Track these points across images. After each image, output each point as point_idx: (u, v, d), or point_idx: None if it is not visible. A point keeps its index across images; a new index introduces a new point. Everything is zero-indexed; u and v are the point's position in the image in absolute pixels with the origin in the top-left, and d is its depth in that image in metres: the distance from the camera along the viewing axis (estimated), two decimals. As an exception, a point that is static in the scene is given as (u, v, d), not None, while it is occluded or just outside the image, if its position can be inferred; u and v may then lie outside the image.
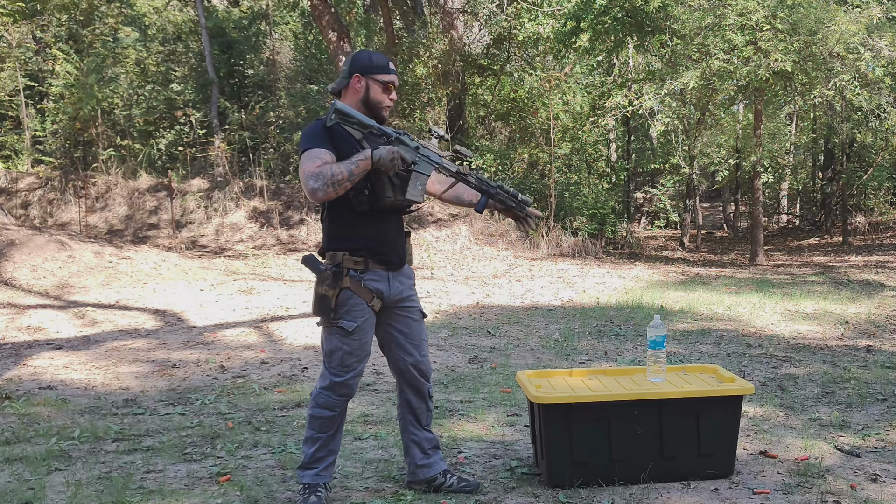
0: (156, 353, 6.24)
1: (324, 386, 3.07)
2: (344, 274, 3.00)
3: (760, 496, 3.19)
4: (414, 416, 3.25)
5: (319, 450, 3.09)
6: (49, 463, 3.65)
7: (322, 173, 2.86)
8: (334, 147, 2.95)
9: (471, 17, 16.80)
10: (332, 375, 3.06)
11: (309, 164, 2.89)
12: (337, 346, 3.04)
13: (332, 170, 2.86)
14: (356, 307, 3.02)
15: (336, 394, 3.06)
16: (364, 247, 3.03)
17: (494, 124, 17.18)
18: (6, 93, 16.54)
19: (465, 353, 6.10)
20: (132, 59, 18.87)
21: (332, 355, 3.05)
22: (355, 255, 3.02)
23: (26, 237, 9.94)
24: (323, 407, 3.07)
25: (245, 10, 21.50)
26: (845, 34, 11.56)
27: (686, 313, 7.91)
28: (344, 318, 3.01)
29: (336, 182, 2.86)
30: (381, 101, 3.06)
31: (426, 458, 3.25)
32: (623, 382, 3.50)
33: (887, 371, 5.40)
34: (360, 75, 3.03)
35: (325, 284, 3.00)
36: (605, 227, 16.82)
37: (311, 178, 2.86)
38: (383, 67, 3.06)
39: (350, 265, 3.01)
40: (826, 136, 19.36)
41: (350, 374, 3.06)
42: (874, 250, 15.48)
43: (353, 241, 3.03)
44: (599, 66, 16.63)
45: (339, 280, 2.99)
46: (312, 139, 2.97)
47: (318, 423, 3.07)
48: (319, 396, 3.07)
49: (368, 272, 3.04)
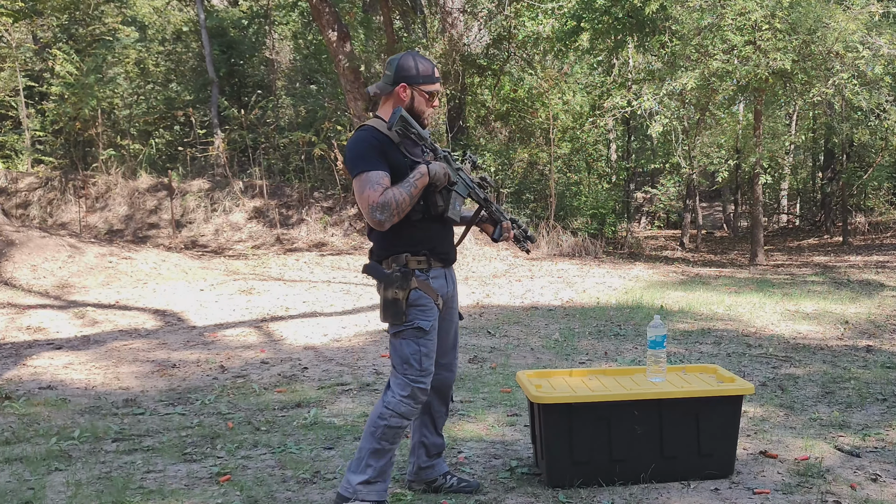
0: (156, 353, 6.24)
1: (405, 395, 2.96)
2: (412, 275, 2.98)
3: (760, 496, 3.19)
4: (431, 419, 3.24)
5: (387, 462, 2.98)
6: (49, 463, 3.65)
7: (387, 204, 2.84)
8: (385, 160, 2.92)
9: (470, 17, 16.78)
10: (413, 383, 2.96)
11: (372, 193, 2.84)
12: (414, 350, 2.97)
13: (397, 199, 2.85)
14: (427, 306, 2.99)
15: (416, 401, 2.98)
16: (425, 246, 3.02)
17: (494, 124, 17.17)
18: (6, 93, 16.53)
19: (465, 353, 6.10)
20: (132, 59, 18.86)
21: (410, 361, 2.97)
22: (418, 255, 3.00)
23: (26, 237, 9.94)
24: (403, 416, 2.97)
25: (245, 10, 21.49)
26: (844, 32, 11.56)
27: (686, 313, 7.91)
28: (418, 318, 2.97)
29: (401, 210, 2.88)
30: (423, 111, 3.03)
31: (430, 461, 3.25)
32: (623, 382, 3.50)
33: (887, 371, 5.40)
34: (406, 85, 2.98)
35: (396, 287, 2.95)
36: (605, 227, 16.82)
37: (377, 209, 2.83)
38: (429, 77, 3.01)
39: (414, 265, 2.99)
40: (826, 135, 19.36)
41: (429, 377, 3.01)
42: (874, 250, 15.48)
43: (413, 243, 3.00)
44: (599, 66, 16.63)
45: (408, 281, 2.96)
46: (366, 159, 2.90)
47: (392, 434, 2.96)
48: (401, 405, 2.96)
49: (431, 270, 3.04)
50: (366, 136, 2.95)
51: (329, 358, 6.01)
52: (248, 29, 20.55)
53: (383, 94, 3.04)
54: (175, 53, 20.74)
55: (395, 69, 2.99)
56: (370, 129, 2.97)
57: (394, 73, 2.99)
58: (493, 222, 3.23)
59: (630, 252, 16.06)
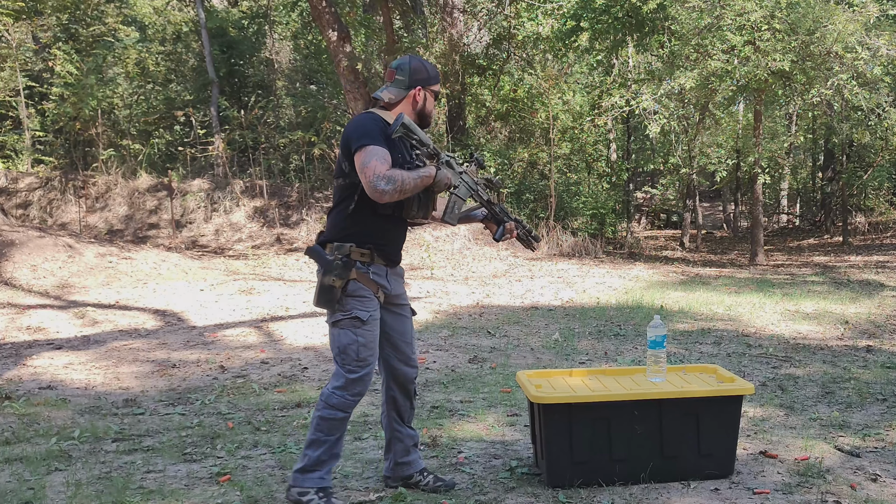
0: (156, 353, 6.24)
1: (338, 385, 3.04)
2: (352, 265, 3.01)
3: (760, 496, 3.19)
4: (398, 414, 3.28)
5: (325, 453, 3.04)
6: (49, 463, 3.65)
7: (394, 178, 2.88)
8: (389, 143, 2.98)
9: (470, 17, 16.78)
10: (347, 373, 3.03)
11: (379, 165, 2.88)
12: (351, 340, 3.02)
13: (404, 178, 2.90)
14: (366, 297, 3.03)
15: (350, 393, 3.04)
16: (371, 241, 3.05)
17: (494, 124, 17.17)
18: (6, 93, 16.52)
19: (465, 353, 6.10)
20: (132, 59, 18.85)
21: (347, 350, 3.03)
22: (362, 247, 3.04)
23: (26, 237, 9.94)
24: (336, 408, 3.03)
25: (245, 10, 21.49)
26: (843, 33, 11.56)
27: (686, 313, 7.91)
28: (357, 308, 3.01)
29: (404, 191, 2.91)
30: (431, 111, 3.14)
31: (407, 456, 3.29)
32: (623, 382, 3.50)
33: (887, 371, 5.40)
34: (421, 87, 3.06)
35: (334, 274, 2.99)
36: (605, 227, 16.81)
37: (382, 179, 2.86)
38: (436, 77, 3.11)
39: (357, 257, 3.03)
40: (826, 135, 19.36)
41: (366, 369, 3.05)
42: (874, 250, 15.48)
43: (363, 236, 3.04)
44: (599, 66, 16.63)
45: (347, 270, 3.00)
46: (373, 135, 2.95)
47: (327, 425, 3.03)
48: (332, 397, 3.03)
49: (373, 265, 3.07)
50: (372, 118, 3.02)
51: (329, 358, 6.01)
52: (248, 29, 20.55)
53: (399, 99, 3.09)
54: (175, 53, 20.73)
55: (410, 73, 3.06)
56: (377, 116, 3.03)
57: (408, 77, 3.06)
58: (496, 222, 3.26)
59: (630, 252, 16.06)
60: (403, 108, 3.08)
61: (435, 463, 3.62)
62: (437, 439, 3.93)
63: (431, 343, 6.53)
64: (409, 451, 3.28)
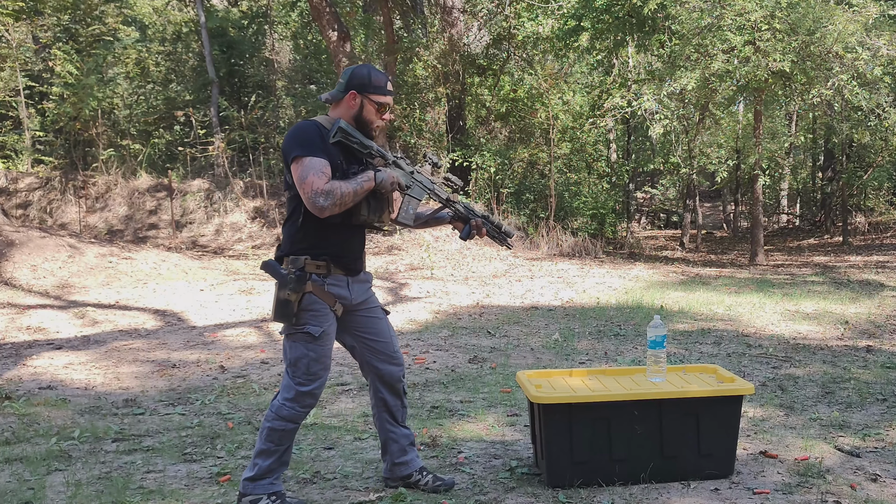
0: (156, 353, 6.24)
1: (288, 397, 3.02)
2: (307, 278, 2.98)
3: (760, 496, 3.19)
4: (390, 414, 3.27)
5: (275, 462, 3.05)
6: (49, 463, 3.65)
7: (332, 192, 2.87)
8: (327, 152, 2.95)
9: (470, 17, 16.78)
10: (297, 385, 3.02)
11: (316, 179, 2.87)
12: (302, 354, 3.00)
13: (342, 190, 2.89)
14: (320, 312, 3.01)
15: (300, 405, 3.03)
16: (327, 252, 3.02)
17: (494, 124, 17.17)
18: (6, 93, 16.52)
19: (465, 353, 6.10)
20: (132, 59, 18.86)
21: (298, 364, 3.01)
22: (317, 259, 3.01)
23: (26, 237, 9.95)
24: (286, 419, 3.02)
25: (245, 10, 21.49)
26: (843, 33, 11.55)
27: (686, 313, 7.91)
28: (309, 323, 2.99)
29: (343, 203, 2.91)
30: (372, 121, 3.07)
31: (403, 456, 3.28)
32: (623, 382, 3.50)
33: (887, 371, 5.40)
34: (356, 92, 3.03)
35: (288, 289, 2.95)
36: (605, 227, 16.81)
37: (320, 195, 2.86)
38: (380, 88, 3.04)
39: (312, 269, 3.00)
40: (826, 135, 19.37)
41: (316, 382, 3.03)
42: (874, 250, 15.48)
43: (317, 247, 3.01)
44: (600, 66, 16.63)
45: (302, 284, 2.96)
46: (308, 145, 2.93)
47: (278, 436, 3.03)
48: (283, 409, 3.02)
49: (330, 277, 3.03)
50: (310, 126, 3.00)
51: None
52: (248, 29, 20.55)
53: (334, 101, 3.09)
54: (175, 53, 20.74)
55: (348, 77, 3.05)
56: (314, 123, 3.02)
57: (346, 80, 3.05)
58: (462, 220, 3.23)
59: (630, 252, 16.06)
60: (340, 111, 3.06)
61: (435, 463, 3.62)
62: (437, 439, 3.93)
63: (431, 343, 6.53)
64: (405, 450, 3.28)
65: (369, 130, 3.07)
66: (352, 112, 3.04)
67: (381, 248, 13.37)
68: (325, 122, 3.03)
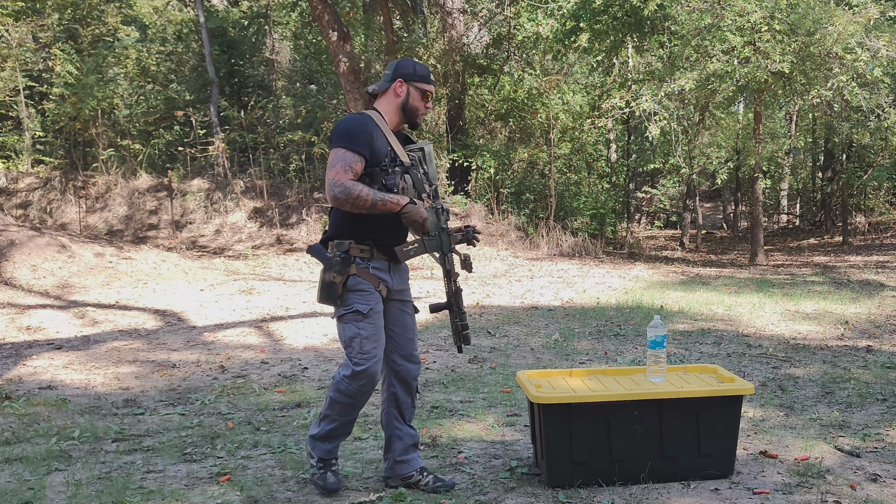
0: (156, 353, 6.24)
1: (345, 374, 3.14)
2: (351, 261, 3.09)
3: (760, 496, 3.19)
4: (399, 411, 3.31)
5: (336, 428, 3.20)
6: (49, 463, 3.65)
7: (350, 191, 2.98)
8: (370, 148, 3.05)
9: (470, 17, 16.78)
10: (353, 365, 3.11)
11: (342, 173, 3.00)
12: (355, 333, 3.10)
13: (361, 195, 2.98)
14: (367, 291, 3.11)
15: (356, 383, 3.12)
16: (370, 237, 3.13)
17: (494, 124, 17.17)
18: (6, 93, 16.52)
19: (465, 353, 6.10)
20: (132, 59, 18.85)
21: (352, 343, 3.11)
22: (361, 243, 3.12)
23: (26, 237, 9.94)
24: (343, 394, 3.14)
25: (245, 10, 21.49)
26: (843, 34, 11.55)
27: (686, 313, 7.91)
28: (357, 302, 3.09)
29: (358, 206, 3.01)
30: (418, 107, 3.20)
31: (406, 455, 3.30)
32: (623, 382, 3.50)
33: (887, 371, 5.40)
34: (402, 80, 3.15)
35: (334, 271, 3.08)
36: (605, 227, 16.81)
37: (338, 187, 2.98)
38: (425, 77, 3.20)
39: (356, 253, 3.11)
40: (826, 136, 19.37)
41: (370, 361, 3.11)
42: (874, 250, 15.48)
43: (361, 232, 3.12)
44: (599, 66, 16.63)
45: (346, 266, 3.08)
46: (351, 138, 3.05)
47: (338, 407, 3.16)
48: (341, 383, 3.14)
49: (373, 261, 3.14)
50: (361, 119, 3.12)
51: (329, 358, 6.01)
52: (248, 29, 20.54)
53: (381, 91, 3.21)
54: (175, 53, 20.74)
55: (395, 68, 3.20)
56: (368, 116, 3.14)
57: (393, 71, 3.20)
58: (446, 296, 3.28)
59: (630, 252, 16.06)
60: (386, 99, 3.18)
61: (435, 463, 3.62)
62: (437, 439, 3.93)
63: (431, 343, 6.53)
64: (407, 449, 3.30)
65: (415, 117, 3.20)
66: (399, 100, 3.17)
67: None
68: (375, 116, 3.16)
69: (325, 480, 3.20)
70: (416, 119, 3.20)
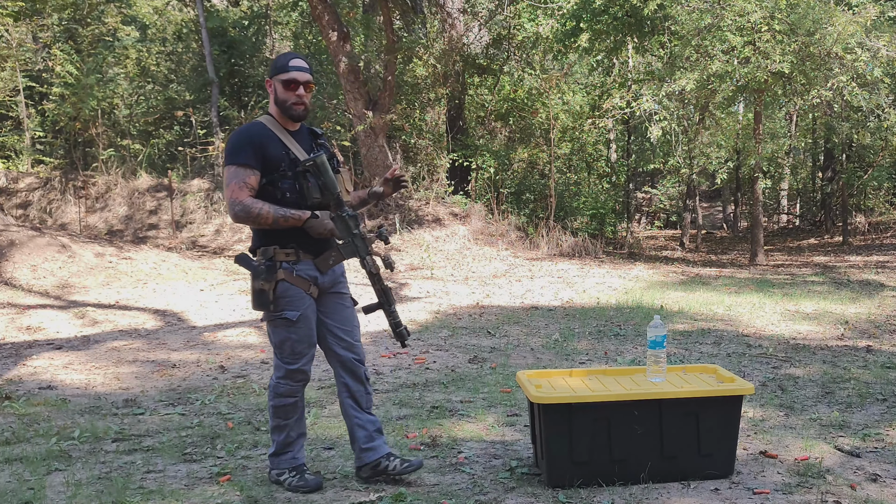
0: (156, 353, 6.24)
1: (280, 376, 3.23)
2: (278, 267, 3.14)
3: (760, 496, 3.19)
4: (354, 400, 3.35)
5: (291, 434, 3.27)
6: (49, 463, 3.65)
7: (250, 210, 3.05)
8: (262, 158, 3.10)
9: (470, 17, 16.77)
10: (285, 364, 3.21)
11: (237, 191, 3.06)
12: (285, 337, 3.20)
13: (262, 211, 3.06)
14: (296, 297, 3.17)
15: (293, 380, 3.23)
16: (294, 240, 3.17)
17: (494, 124, 17.17)
18: (6, 93, 16.52)
19: (465, 353, 6.10)
20: (132, 59, 18.85)
21: (283, 346, 3.21)
22: (286, 247, 3.17)
23: (26, 237, 9.94)
24: (284, 395, 3.24)
25: (245, 10, 21.49)
26: (843, 34, 11.55)
27: (686, 313, 7.91)
28: (286, 309, 3.15)
29: (258, 223, 3.09)
30: (286, 99, 3.17)
31: (370, 442, 3.34)
32: (623, 382, 3.50)
33: (887, 371, 5.40)
34: (269, 79, 3.21)
35: (261, 279, 3.13)
36: (605, 227, 16.81)
37: (238, 206, 3.06)
38: (283, 67, 3.17)
39: (282, 258, 3.17)
40: (826, 136, 19.39)
41: (303, 360, 3.23)
42: (874, 250, 15.48)
43: (283, 237, 3.17)
44: (599, 66, 16.63)
45: (273, 273, 3.14)
46: (237, 153, 3.10)
47: (282, 411, 3.25)
48: (279, 387, 3.24)
49: (300, 263, 3.19)
50: (249, 130, 3.17)
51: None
52: (248, 29, 20.54)
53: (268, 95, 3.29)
54: (175, 53, 20.73)
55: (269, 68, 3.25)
56: (256, 125, 3.20)
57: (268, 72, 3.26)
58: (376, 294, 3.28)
59: (630, 252, 16.06)
60: (271, 102, 3.22)
61: (435, 463, 3.62)
62: (437, 439, 3.93)
63: (431, 343, 6.53)
64: (371, 437, 3.35)
65: (288, 110, 3.18)
66: (273, 100, 3.21)
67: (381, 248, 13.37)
68: (267, 121, 3.20)
69: (306, 481, 3.25)
70: (290, 112, 3.17)
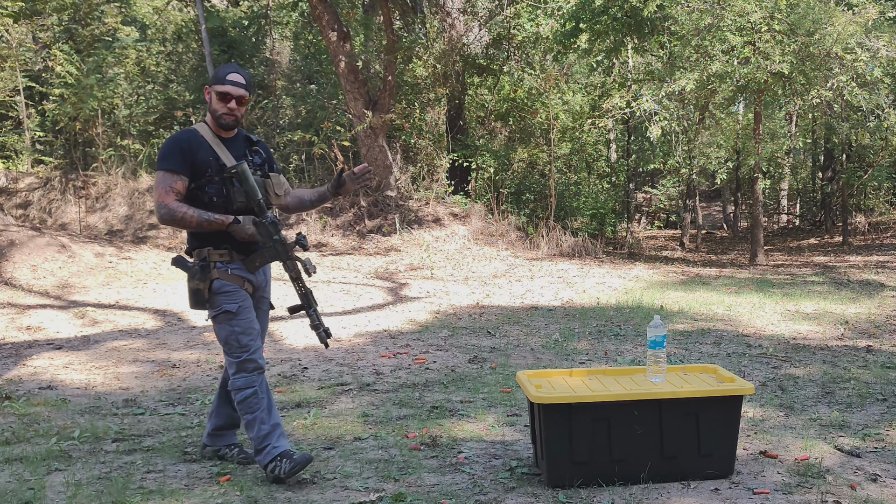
0: (156, 353, 6.24)
1: (234, 371, 3.33)
2: (212, 267, 3.28)
3: (760, 496, 3.19)
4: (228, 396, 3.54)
5: (264, 425, 3.32)
6: (49, 463, 3.65)
7: (174, 213, 3.20)
8: (191, 162, 3.23)
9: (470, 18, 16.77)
10: (235, 358, 3.32)
11: (164, 195, 3.21)
12: (229, 332, 3.31)
13: (185, 216, 3.19)
14: (232, 291, 3.30)
15: (246, 371, 3.31)
16: (227, 242, 3.32)
17: (494, 124, 17.17)
18: (6, 93, 16.51)
19: (465, 353, 6.10)
20: (132, 59, 18.84)
21: (229, 341, 3.32)
22: (219, 248, 3.32)
23: (26, 237, 9.94)
24: (242, 388, 3.32)
25: (245, 10, 21.48)
26: (843, 35, 11.55)
27: (686, 313, 7.91)
28: (225, 303, 3.30)
29: (183, 225, 3.23)
30: (216, 109, 3.33)
31: (220, 432, 3.62)
32: (623, 382, 3.50)
33: (887, 371, 5.40)
34: (208, 87, 3.35)
35: (196, 279, 3.28)
36: (605, 227, 16.81)
37: (163, 209, 3.21)
38: (220, 79, 3.33)
39: (216, 258, 3.31)
40: (826, 136, 19.39)
41: (251, 350, 3.32)
42: (874, 250, 15.48)
43: (217, 239, 3.30)
44: (599, 66, 16.63)
45: (207, 273, 3.27)
46: (166, 158, 3.24)
47: (245, 405, 3.33)
48: (235, 381, 3.32)
49: (233, 263, 3.35)
50: (180, 137, 3.31)
51: (329, 358, 6.02)
52: (248, 29, 20.54)
53: None
54: (175, 53, 20.73)
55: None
56: (188, 132, 3.32)
57: None
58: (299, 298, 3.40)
59: (630, 252, 16.06)
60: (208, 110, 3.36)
61: (435, 463, 3.62)
62: (437, 439, 3.93)
63: (431, 343, 6.53)
64: (222, 428, 3.56)
65: (218, 119, 3.32)
66: (209, 107, 3.34)
67: (381, 248, 13.37)
68: (199, 128, 3.33)
69: (294, 461, 3.28)
70: (220, 121, 3.31)
